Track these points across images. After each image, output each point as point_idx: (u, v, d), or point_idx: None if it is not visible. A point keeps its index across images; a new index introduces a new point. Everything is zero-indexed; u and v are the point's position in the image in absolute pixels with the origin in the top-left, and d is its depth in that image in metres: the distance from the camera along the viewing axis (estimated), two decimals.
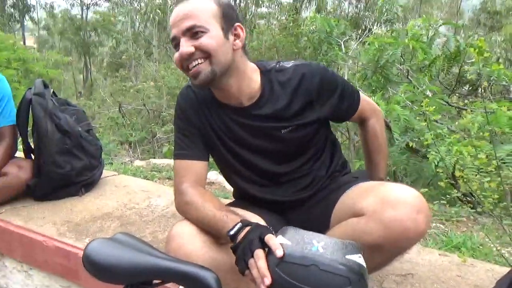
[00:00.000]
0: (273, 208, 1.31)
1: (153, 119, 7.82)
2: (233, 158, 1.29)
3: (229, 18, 1.13)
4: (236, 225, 1.01)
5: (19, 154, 2.18)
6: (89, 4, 27.89)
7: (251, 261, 0.91)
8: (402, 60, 3.97)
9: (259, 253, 0.90)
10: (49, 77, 12.43)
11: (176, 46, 1.12)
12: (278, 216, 1.31)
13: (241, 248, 0.95)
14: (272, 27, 10.66)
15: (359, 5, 19.54)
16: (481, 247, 1.80)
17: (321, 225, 1.15)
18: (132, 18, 22.20)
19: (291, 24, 9.13)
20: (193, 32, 1.08)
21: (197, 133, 1.26)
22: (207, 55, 1.09)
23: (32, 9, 28.75)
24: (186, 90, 1.30)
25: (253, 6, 19.57)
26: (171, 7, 20.62)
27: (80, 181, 2.08)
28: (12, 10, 27.39)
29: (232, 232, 1.00)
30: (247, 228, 0.99)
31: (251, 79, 1.20)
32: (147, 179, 2.72)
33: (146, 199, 2.05)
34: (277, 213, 1.31)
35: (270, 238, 0.90)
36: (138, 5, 23.95)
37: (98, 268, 0.85)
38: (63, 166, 2.00)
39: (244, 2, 19.41)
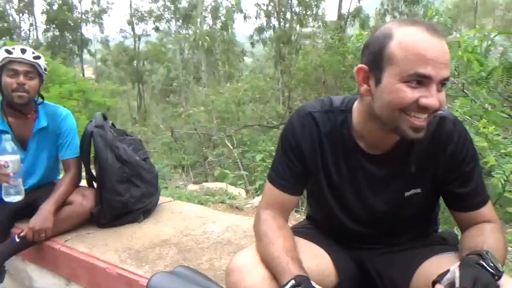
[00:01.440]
0: (346, 242, 1.25)
1: (204, 142, 8.01)
2: (335, 201, 1.19)
3: None
4: (289, 281, 0.96)
5: (83, 183, 2.30)
6: (140, 35, 29.48)
7: None
8: (456, 73, 3.81)
9: None
10: (107, 106, 13.20)
11: (416, 86, 0.93)
12: (349, 253, 1.24)
13: None
14: (317, 46, 10.67)
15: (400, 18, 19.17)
16: None
17: (398, 279, 1.09)
18: (181, 45, 23.15)
19: (336, 42, 9.09)
20: (443, 84, 0.95)
21: (302, 169, 1.16)
22: (436, 111, 0.96)
23: (89, 43, 30.89)
24: (307, 117, 1.15)
25: (298, 26, 19.76)
26: (219, 33, 21.34)
27: (139, 208, 2.16)
28: (71, 45, 29.56)
29: None
30: None
31: None
32: (201, 204, 2.77)
33: (202, 225, 2.08)
34: (349, 248, 1.25)
35: None
36: (186, 33, 25.01)
37: None
38: (123, 194, 2.09)
39: (289, 24, 19.65)
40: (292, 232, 1.18)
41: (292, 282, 0.95)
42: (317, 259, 1.16)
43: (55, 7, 28.23)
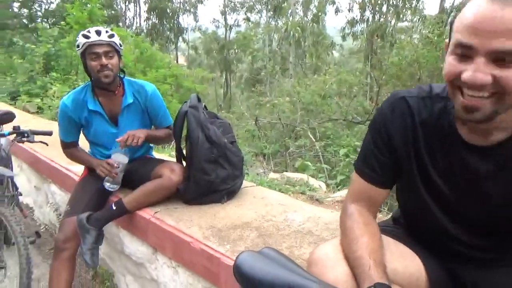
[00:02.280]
0: (440, 248, 1.12)
1: (286, 133, 8.03)
2: (431, 197, 1.07)
3: None
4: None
5: (172, 159, 2.42)
6: (231, 25, 30.35)
7: None
8: None
9: None
10: (196, 91, 13.86)
11: (463, 56, 0.85)
12: (439, 262, 1.12)
13: None
14: (414, 41, 10.05)
15: None
16: None
17: None
18: (270, 36, 23.36)
19: (435, 38, 8.46)
20: (501, 58, 0.81)
21: (391, 159, 1.08)
22: (500, 91, 0.83)
23: (184, 31, 32.57)
24: (400, 102, 1.06)
25: (393, 20, 18.80)
26: (310, 25, 21.15)
27: (223, 189, 2.21)
28: (168, 33, 31.41)
29: None
30: None
31: None
32: (281, 192, 2.76)
33: (283, 212, 2.07)
34: (442, 256, 1.12)
35: None
36: (276, 24, 25.17)
37: (249, 280, 0.86)
38: (210, 173, 2.16)
39: (384, 17, 18.77)
40: (380, 230, 1.09)
41: None
42: (406, 261, 1.07)
43: None
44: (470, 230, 1.06)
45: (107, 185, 2.19)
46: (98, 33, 2.09)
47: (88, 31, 2.09)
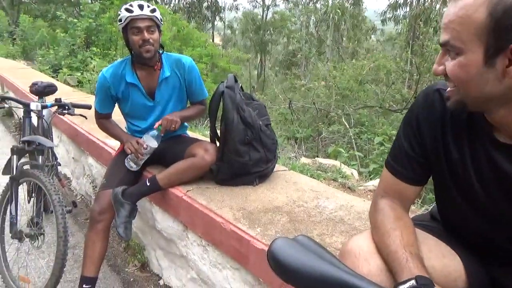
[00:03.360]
0: (479, 251, 1.06)
1: (320, 118, 7.92)
2: (462, 197, 1.01)
3: (503, 34, 0.77)
4: (409, 280, 0.84)
5: (206, 139, 2.42)
6: (269, 5, 29.93)
7: None
8: None
9: None
10: (230, 71, 13.85)
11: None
12: (481, 267, 1.06)
13: None
14: None
15: None
16: None
17: None
18: (308, 18, 22.91)
19: None
20: (448, 50, 0.86)
21: (422, 155, 1.04)
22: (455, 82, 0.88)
23: (222, 11, 32.42)
24: (433, 94, 1.02)
25: (438, 5, 17.96)
26: (350, 6, 20.57)
27: (255, 171, 2.20)
28: (205, 11, 31.37)
29: None
30: None
31: None
32: (313, 178, 2.73)
33: (315, 198, 2.05)
34: (481, 260, 1.06)
35: None
36: (314, 5, 24.62)
37: (284, 268, 0.84)
38: (243, 155, 2.15)
39: (429, 0, 17.98)
40: (413, 224, 1.04)
41: (413, 282, 0.84)
42: (444, 260, 1.02)
43: None
44: (505, 231, 0.99)
45: (128, 162, 2.23)
46: (141, 7, 2.09)
47: (131, 5, 2.10)
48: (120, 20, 2.13)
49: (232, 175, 2.18)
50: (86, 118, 2.83)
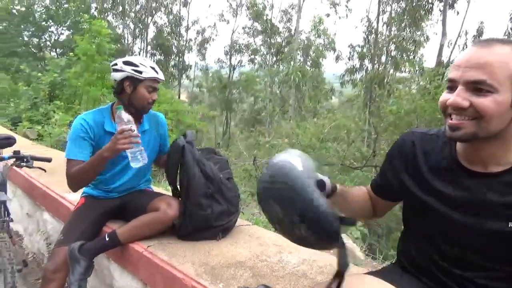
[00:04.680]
0: (429, 278, 1.14)
1: None
2: (430, 219, 1.13)
3: None
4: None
5: (169, 193, 2.41)
6: (235, 65, 31.08)
7: None
8: None
9: None
10: (196, 128, 13.98)
11: (451, 88, 1.02)
12: None
13: None
14: (412, 91, 10.30)
15: None
16: None
17: None
18: (272, 78, 23.89)
19: (433, 89, 8.68)
20: (478, 88, 0.96)
21: (393, 180, 1.25)
22: (479, 116, 0.97)
23: (188, 69, 33.24)
24: (410, 135, 1.24)
25: (392, 70, 19.35)
26: (311, 69, 21.74)
27: (218, 225, 2.19)
28: (173, 69, 32.06)
29: None
30: None
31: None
32: (277, 234, 2.73)
33: (278, 253, 2.05)
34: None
35: None
36: (278, 68, 25.82)
37: None
38: (205, 208, 2.15)
39: (383, 66, 19.33)
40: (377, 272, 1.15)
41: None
42: None
43: (164, 34, 31.04)
44: (466, 259, 1.07)
45: (138, 164, 2.02)
46: (160, 71, 2.26)
47: (154, 66, 2.22)
48: (140, 72, 2.15)
49: (195, 229, 2.16)
50: (45, 171, 2.75)
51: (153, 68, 2.20)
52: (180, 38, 31.84)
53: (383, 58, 20.63)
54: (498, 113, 0.96)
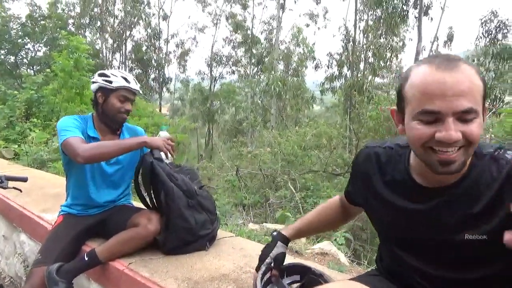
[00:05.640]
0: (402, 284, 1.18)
1: (267, 184, 8.03)
2: (392, 232, 1.19)
3: (485, 98, 0.97)
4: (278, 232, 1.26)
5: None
6: (216, 77, 31.13)
7: None
8: None
9: None
10: (178, 141, 13.88)
11: (432, 122, 0.94)
12: None
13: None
14: (391, 97, 10.49)
15: (486, 75, 18.26)
16: None
17: None
18: (254, 88, 23.98)
19: None
20: (464, 117, 0.92)
21: (360, 197, 1.30)
22: (467, 144, 0.94)
23: (169, 82, 33.11)
24: (367, 150, 1.25)
25: (370, 76, 19.67)
26: (290, 78, 21.92)
27: (204, 234, 2.18)
28: (153, 83, 31.89)
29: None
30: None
31: None
32: (260, 243, 2.71)
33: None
34: None
35: None
36: (259, 78, 25.97)
37: None
38: (189, 219, 2.12)
39: (362, 73, 19.63)
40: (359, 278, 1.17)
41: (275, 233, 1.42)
42: None
43: (143, 48, 30.92)
44: (434, 265, 1.10)
45: (167, 159, 2.21)
46: (135, 82, 2.24)
47: (126, 76, 2.22)
48: (110, 82, 2.17)
49: (182, 242, 2.13)
50: (21, 191, 2.67)
51: (124, 78, 2.20)
52: (160, 52, 31.74)
53: (362, 65, 20.98)
54: (480, 134, 0.95)
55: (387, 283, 1.21)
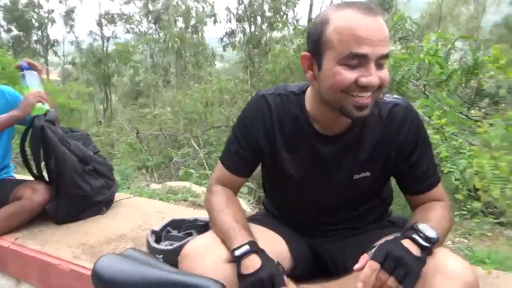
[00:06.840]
0: (302, 228, 1.28)
1: (169, 143, 7.90)
2: (289, 183, 1.21)
3: None
4: (243, 245, 0.99)
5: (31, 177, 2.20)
6: (109, 37, 28.86)
7: None
8: (418, 75, 3.93)
9: None
10: (70, 108, 12.82)
11: (355, 66, 0.95)
12: (304, 240, 1.26)
13: (251, 285, 0.94)
14: (286, 49, 10.79)
15: None
16: (508, 260, 1.71)
17: (349, 263, 1.04)
18: (151, 47, 22.82)
19: (303, 46, 9.21)
20: (382, 61, 0.96)
21: (254, 155, 1.20)
22: (380, 88, 0.98)
23: (55, 44, 29.89)
24: (260, 101, 1.18)
25: (268, 31, 19.88)
26: (189, 35, 21.19)
27: (101, 200, 2.12)
28: (36, 45, 28.54)
29: (237, 253, 0.98)
30: (255, 259, 0.97)
31: None
32: (162, 201, 2.71)
33: (161, 220, 2.03)
34: (303, 234, 1.27)
35: None
36: (157, 35, 24.72)
37: (106, 283, 0.83)
38: (83, 187, 2.04)
39: (259, 28, 19.76)
40: (247, 219, 1.19)
41: (247, 247, 0.99)
42: (272, 244, 1.16)
43: (20, 5, 27.20)
44: (322, 208, 1.23)
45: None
46: None
47: None
48: None
49: (75, 210, 2.04)
50: None
51: None
52: (40, 9, 28.23)
53: (259, 19, 21.05)
54: None
55: (281, 223, 1.29)
